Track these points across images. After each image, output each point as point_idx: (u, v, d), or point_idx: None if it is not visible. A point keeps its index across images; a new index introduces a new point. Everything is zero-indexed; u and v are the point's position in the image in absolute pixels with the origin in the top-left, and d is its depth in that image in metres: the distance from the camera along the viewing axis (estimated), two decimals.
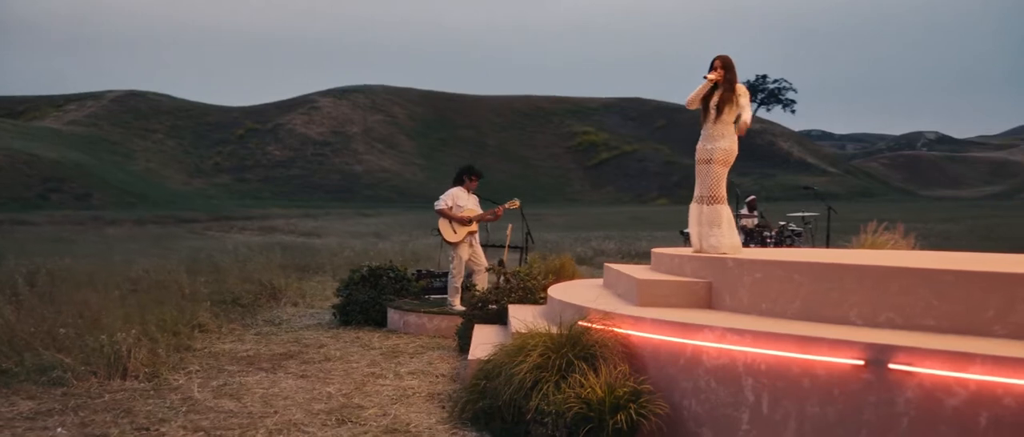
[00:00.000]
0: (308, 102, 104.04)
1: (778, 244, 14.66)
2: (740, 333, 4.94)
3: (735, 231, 7.45)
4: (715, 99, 7.36)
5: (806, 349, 4.65)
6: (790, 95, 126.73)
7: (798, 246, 14.56)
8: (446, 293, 10.56)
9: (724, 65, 7.39)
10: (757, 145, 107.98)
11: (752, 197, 17.23)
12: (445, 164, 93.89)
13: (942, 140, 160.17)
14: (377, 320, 10.17)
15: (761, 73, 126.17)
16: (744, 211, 16.43)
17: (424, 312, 9.68)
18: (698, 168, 7.43)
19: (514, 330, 6.22)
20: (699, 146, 7.41)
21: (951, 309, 4.93)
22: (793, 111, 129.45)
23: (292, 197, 77.86)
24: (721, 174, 7.41)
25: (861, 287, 5.31)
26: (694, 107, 7.49)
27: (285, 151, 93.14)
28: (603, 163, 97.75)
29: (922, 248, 10.69)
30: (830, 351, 4.56)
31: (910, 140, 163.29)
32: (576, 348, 5.48)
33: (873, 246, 10.46)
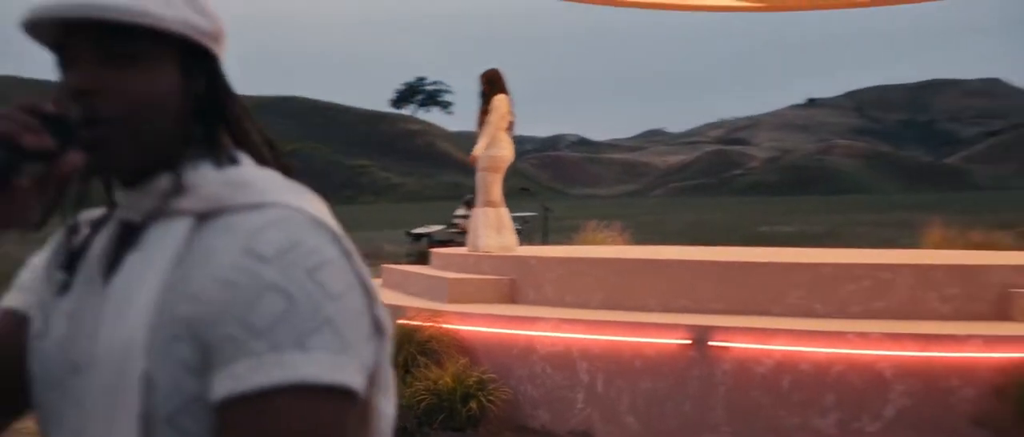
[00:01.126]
0: None
1: None
2: (574, 322, 5.58)
3: (508, 232, 8.10)
4: (481, 113, 8.03)
5: (637, 333, 5.38)
6: (447, 97, 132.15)
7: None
8: None
9: (488, 80, 8.06)
10: (417, 146, 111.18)
11: (470, 196, 18.03)
12: None
13: (582, 142, 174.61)
14: None
15: (420, 75, 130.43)
16: (462, 210, 17.20)
17: None
18: (476, 177, 8.05)
19: None
20: None
21: (736, 294, 5.91)
22: (451, 112, 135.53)
23: None
24: (490, 180, 8.08)
25: (657, 279, 6.17)
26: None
27: None
28: None
29: (635, 243, 12.05)
30: (660, 333, 5.33)
31: (554, 142, 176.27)
32: (412, 344, 5.83)
33: (595, 242, 11.65)
